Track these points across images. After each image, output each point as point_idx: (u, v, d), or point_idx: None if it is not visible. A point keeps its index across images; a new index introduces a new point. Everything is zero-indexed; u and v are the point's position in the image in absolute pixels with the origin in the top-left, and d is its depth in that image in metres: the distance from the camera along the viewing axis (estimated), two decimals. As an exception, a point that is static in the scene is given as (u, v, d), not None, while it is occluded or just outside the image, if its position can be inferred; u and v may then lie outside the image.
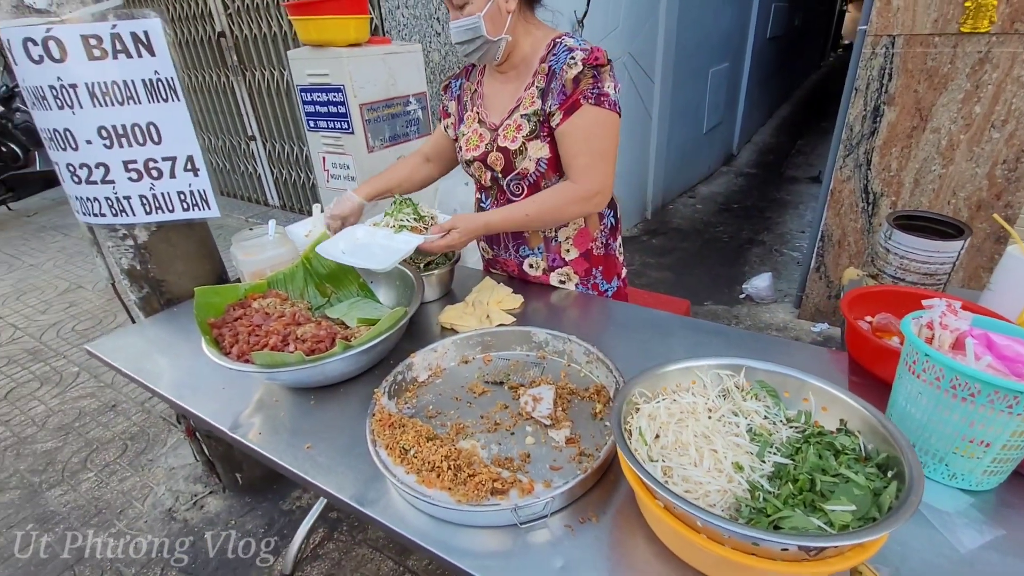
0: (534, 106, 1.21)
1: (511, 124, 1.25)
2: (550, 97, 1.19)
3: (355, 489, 0.86)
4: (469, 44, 1.20)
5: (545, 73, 1.20)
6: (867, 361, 1.07)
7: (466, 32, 1.18)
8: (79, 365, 2.89)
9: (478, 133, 1.32)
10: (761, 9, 5.87)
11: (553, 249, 1.38)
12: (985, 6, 2.04)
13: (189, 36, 4.49)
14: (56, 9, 1.26)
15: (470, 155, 1.32)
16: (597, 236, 1.39)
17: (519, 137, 1.23)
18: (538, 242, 1.38)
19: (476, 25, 1.16)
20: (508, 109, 1.27)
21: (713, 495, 0.66)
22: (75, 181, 1.39)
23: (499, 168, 1.28)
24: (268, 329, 1.07)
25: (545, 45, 1.23)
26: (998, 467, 0.80)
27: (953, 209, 2.35)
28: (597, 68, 1.15)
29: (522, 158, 1.24)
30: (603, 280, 1.44)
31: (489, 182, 1.34)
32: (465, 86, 1.40)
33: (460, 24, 1.17)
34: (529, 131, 1.22)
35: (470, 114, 1.35)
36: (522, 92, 1.25)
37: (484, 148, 1.29)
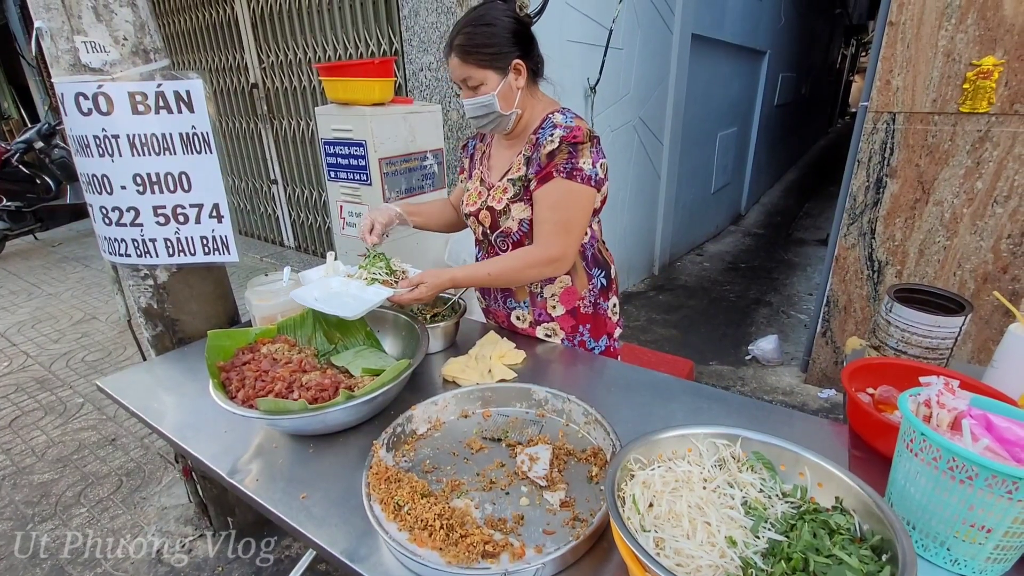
0: (520, 172, 1.33)
1: (500, 186, 1.37)
2: (532, 165, 1.30)
3: (347, 544, 0.86)
4: (483, 119, 1.31)
5: (533, 144, 1.31)
6: (868, 435, 1.06)
7: (480, 108, 1.29)
8: (84, 396, 2.92)
9: (477, 191, 1.44)
10: (769, 78, 6.13)
11: (539, 304, 1.44)
12: (983, 88, 2.13)
13: (225, 86, 4.77)
14: (109, 69, 1.37)
15: (467, 209, 1.45)
16: (585, 295, 1.43)
17: (504, 199, 1.35)
18: (524, 296, 1.45)
19: (490, 103, 1.27)
20: (502, 172, 1.39)
21: (705, 570, 0.66)
22: (106, 223, 1.46)
23: (487, 224, 1.40)
24: (274, 375, 1.09)
25: (540, 117, 1.34)
26: (1002, 554, 0.78)
27: (959, 281, 2.36)
28: (574, 145, 1.25)
29: (506, 218, 1.35)
30: (591, 338, 1.47)
31: (481, 236, 1.46)
32: (478, 147, 1.53)
33: (475, 102, 1.28)
34: (513, 194, 1.33)
35: (476, 172, 1.48)
36: (514, 158, 1.36)
37: (478, 205, 1.41)
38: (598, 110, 3.28)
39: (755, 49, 5.59)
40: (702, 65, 4.40)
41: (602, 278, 1.46)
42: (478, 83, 1.25)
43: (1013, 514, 0.73)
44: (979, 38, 2.08)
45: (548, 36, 2.71)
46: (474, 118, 1.32)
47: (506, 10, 1.27)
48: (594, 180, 1.27)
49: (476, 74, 1.25)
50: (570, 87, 3.06)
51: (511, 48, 1.25)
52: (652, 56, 3.80)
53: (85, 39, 1.37)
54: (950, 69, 2.16)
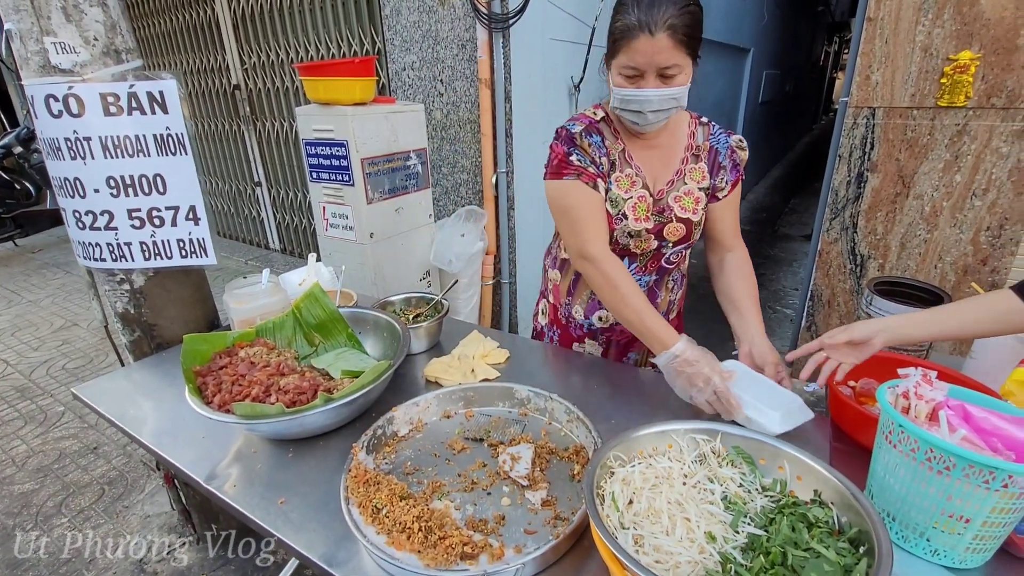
0: (706, 181, 1.25)
1: (685, 196, 1.23)
2: (721, 173, 1.25)
3: (326, 548, 0.84)
4: (663, 113, 1.12)
5: (708, 151, 1.25)
6: (849, 427, 1.07)
7: (670, 101, 1.09)
8: (65, 404, 2.86)
9: (645, 201, 1.22)
10: (753, 76, 6.17)
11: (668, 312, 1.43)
12: (961, 82, 2.16)
13: (206, 87, 4.71)
14: (80, 70, 1.34)
15: (641, 226, 1.21)
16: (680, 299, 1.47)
17: (699, 210, 1.25)
18: (664, 307, 1.40)
19: (681, 96, 1.10)
20: (667, 180, 1.23)
21: (684, 567, 0.65)
22: (79, 227, 1.43)
23: (675, 238, 1.25)
24: (252, 379, 1.07)
25: (687, 122, 1.26)
26: (981, 544, 0.78)
27: (940, 273, 2.39)
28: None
29: (698, 229, 1.28)
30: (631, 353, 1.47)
31: (649, 251, 1.28)
32: (608, 144, 1.22)
33: (666, 93, 1.07)
34: (705, 203, 1.27)
35: (621, 175, 1.21)
36: (679, 164, 1.24)
37: (655, 219, 1.22)
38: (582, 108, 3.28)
39: (739, 47, 5.62)
40: (686, 63, 4.41)
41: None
42: (679, 72, 1.06)
43: (991, 504, 0.73)
44: (956, 33, 2.10)
45: (531, 34, 2.71)
46: (654, 112, 1.10)
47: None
48: None
49: (682, 61, 1.05)
50: (553, 85, 3.06)
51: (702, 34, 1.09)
52: (636, 54, 3.81)
53: (55, 40, 1.34)
54: (928, 64, 2.18)
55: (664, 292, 1.37)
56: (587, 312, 1.38)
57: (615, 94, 1.13)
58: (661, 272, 1.33)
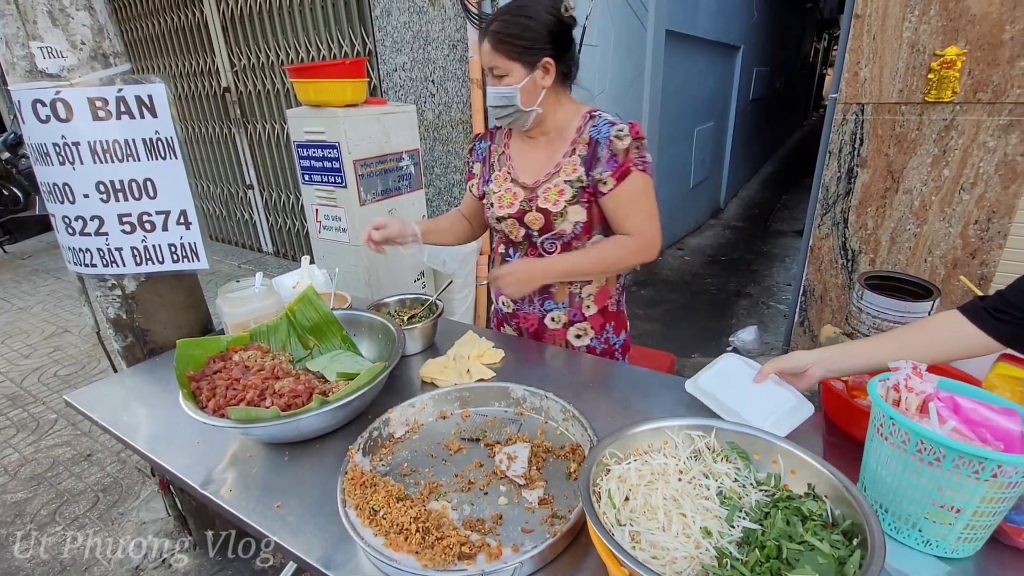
0: (576, 173, 1.29)
1: (552, 188, 1.31)
2: (598, 165, 1.27)
3: (323, 551, 0.84)
4: (502, 110, 1.28)
5: (587, 143, 1.28)
6: (842, 421, 1.08)
7: (501, 99, 1.26)
8: (57, 412, 2.84)
9: (511, 192, 1.36)
10: (743, 73, 6.21)
11: (576, 304, 1.42)
12: (947, 78, 2.18)
13: (196, 90, 4.68)
14: (67, 74, 1.33)
15: (503, 212, 1.37)
16: (613, 294, 1.45)
17: (561, 201, 1.30)
18: (564, 297, 1.42)
19: (512, 95, 1.24)
20: (546, 172, 1.33)
21: (680, 562, 0.66)
22: (69, 232, 1.42)
23: (537, 227, 1.34)
24: (246, 383, 1.07)
25: (580, 117, 1.32)
26: (972, 534, 0.80)
27: (930, 267, 2.41)
28: (639, 140, 1.27)
29: (561, 220, 1.31)
30: (613, 334, 1.48)
31: (521, 239, 1.38)
32: (492, 148, 1.46)
33: (497, 91, 1.25)
34: (571, 196, 1.29)
35: (499, 173, 1.41)
36: (561, 159, 1.32)
37: (520, 206, 1.34)
38: (575, 107, 3.28)
39: (729, 44, 5.65)
40: (677, 61, 4.43)
41: (625, 276, 1.48)
42: (504, 73, 1.23)
43: (981, 493, 0.74)
44: (942, 28, 2.13)
45: (522, 34, 2.71)
46: (492, 107, 1.30)
47: (549, 6, 1.23)
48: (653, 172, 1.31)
49: (503, 64, 1.22)
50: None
51: (544, 45, 1.22)
52: (627, 53, 3.82)
53: (41, 44, 1.33)
54: (915, 60, 2.20)
55: (557, 284, 1.41)
56: (495, 295, 1.50)
57: None
58: None
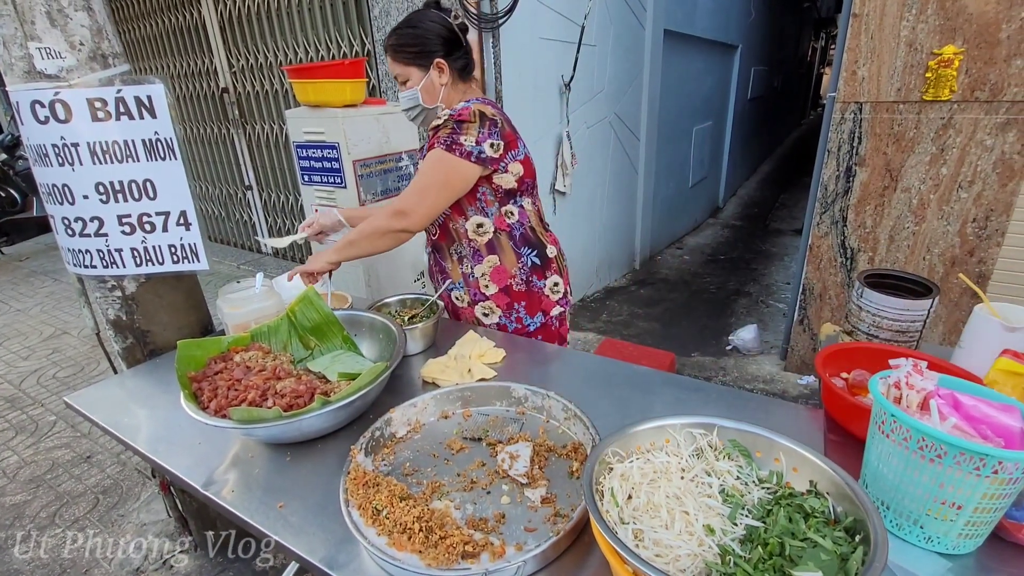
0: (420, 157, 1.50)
1: None
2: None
3: (326, 551, 0.84)
4: (411, 111, 1.45)
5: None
6: (843, 419, 1.08)
7: (408, 101, 1.43)
8: (56, 414, 2.83)
9: None
10: (741, 72, 6.22)
11: (472, 284, 1.52)
12: (945, 77, 2.19)
13: (194, 91, 4.67)
14: (66, 75, 1.33)
15: None
16: (516, 273, 1.50)
17: None
18: (458, 277, 1.54)
19: (414, 96, 1.41)
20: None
21: (684, 559, 0.66)
22: (69, 234, 1.42)
23: None
24: (247, 383, 1.07)
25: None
26: (973, 530, 0.80)
27: (929, 265, 2.42)
28: (459, 123, 1.34)
29: None
30: (527, 315, 1.53)
31: None
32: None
33: (403, 95, 1.43)
34: None
35: None
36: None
37: None
38: (573, 107, 3.29)
39: (727, 44, 5.66)
40: (675, 60, 4.44)
41: (534, 257, 1.51)
42: (405, 78, 1.41)
43: (982, 490, 0.74)
44: (939, 27, 2.13)
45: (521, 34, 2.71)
46: (405, 111, 1.46)
47: (434, 16, 1.39)
48: (475, 156, 1.34)
49: (402, 71, 1.40)
50: (544, 84, 3.07)
51: (435, 48, 1.38)
52: (625, 52, 3.83)
53: (39, 45, 1.32)
54: (913, 58, 2.21)
55: (451, 263, 1.54)
56: None
57: None
58: (435, 246, 1.56)
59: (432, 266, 1.63)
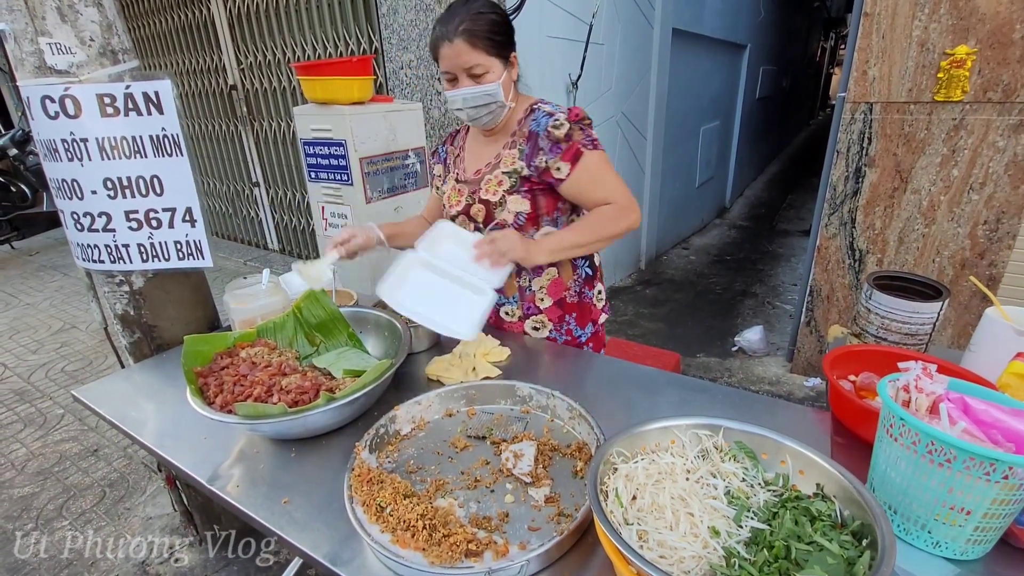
0: (514, 165, 1.32)
1: (492, 179, 1.35)
2: (540, 155, 1.28)
3: (330, 547, 0.84)
4: (483, 108, 1.28)
5: (525, 136, 1.31)
6: (850, 421, 1.07)
7: (483, 98, 1.26)
8: (64, 407, 2.86)
9: (456, 189, 1.43)
10: (750, 72, 6.17)
11: (527, 298, 1.44)
12: (957, 77, 2.16)
13: (203, 88, 4.70)
14: (76, 71, 1.33)
15: (453, 211, 1.43)
16: (571, 285, 1.44)
17: (499, 191, 1.34)
18: (513, 292, 1.45)
19: (495, 92, 1.25)
20: (486, 164, 1.37)
21: (688, 561, 0.66)
22: (78, 228, 1.43)
23: (480, 219, 1.38)
24: (253, 379, 1.07)
25: (523, 111, 1.35)
26: (982, 536, 0.79)
27: (938, 267, 2.39)
28: (581, 121, 1.29)
29: (501, 210, 1.34)
30: (576, 326, 1.48)
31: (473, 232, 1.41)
32: (449, 150, 1.52)
33: (477, 91, 1.24)
34: (509, 186, 1.32)
35: (451, 175, 1.48)
36: (501, 151, 1.36)
37: (465, 202, 1.39)
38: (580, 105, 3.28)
39: (735, 43, 5.62)
40: (683, 59, 4.41)
41: (587, 267, 1.47)
42: (484, 71, 1.23)
43: (991, 495, 0.73)
44: (952, 27, 2.11)
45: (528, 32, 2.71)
46: (472, 108, 1.27)
47: (497, 4, 1.28)
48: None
49: (484, 61, 1.22)
50: (551, 83, 3.06)
51: (511, 40, 1.28)
52: (633, 51, 3.81)
53: (50, 40, 1.33)
54: (924, 59, 2.19)
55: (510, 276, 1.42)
56: None
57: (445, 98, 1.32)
58: None
59: None
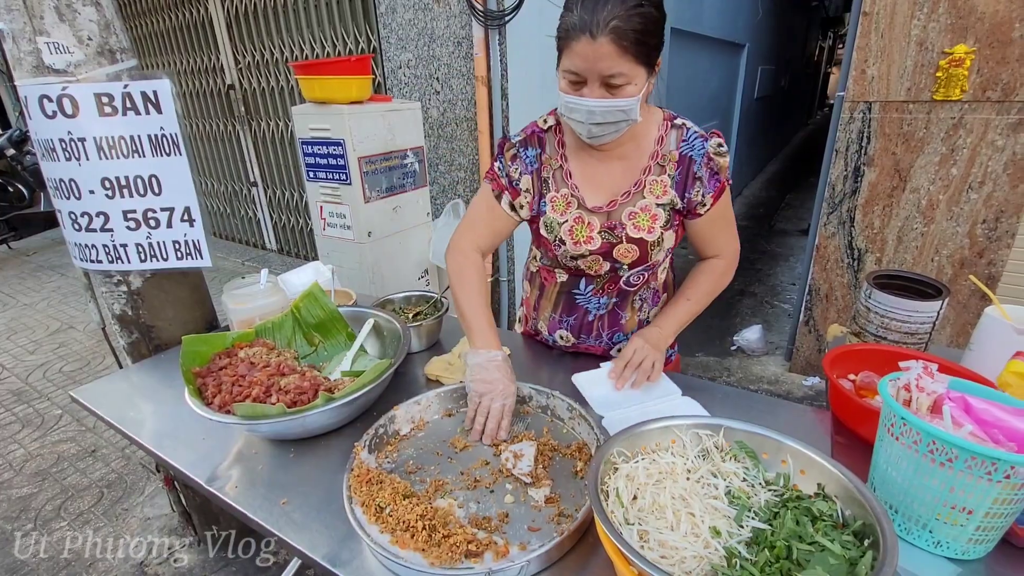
0: (668, 196, 1.11)
1: (640, 212, 1.12)
2: (696, 186, 1.10)
3: (329, 548, 0.84)
4: (611, 125, 1.02)
5: (676, 161, 1.10)
6: (850, 421, 1.07)
7: (616, 114, 0.99)
8: (62, 408, 2.85)
9: (583, 222, 1.14)
10: (748, 71, 6.18)
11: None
12: (956, 76, 2.16)
13: (201, 87, 4.68)
14: (74, 70, 1.33)
15: (583, 248, 1.15)
16: None
17: (656, 227, 1.12)
18: (633, 326, 1.31)
19: (632, 107, 0.98)
20: (623, 193, 1.12)
21: (689, 561, 0.65)
22: (76, 228, 1.42)
23: (629, 260, 1.15)
24: (252, 379, 1.07)
25: (657, 126, 1.12)
26: (983, 535, 0.79)
27: (937, 266, 2.39)
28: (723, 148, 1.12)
29: (659, 250, 1.14)
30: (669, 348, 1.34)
31: (604, 273, 1.20)
32: (545, 159, 1.16)
33: (612, 105, 0.97)
34: (665, 221, 1.12)
35: (557, 196, 1.15)
36: (640, 176, 1.12)
37: (603, 239, 1.14)
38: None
39: (734, 42, 5.62)
40: (682, 59, 4.41)
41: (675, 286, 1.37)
42: (627, 82, 0.95)
43: (993, 495, 0.73)
44: (951, 27, 2.11)
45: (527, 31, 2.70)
46: (596, 124, 1.01)
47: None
48: None
49: (630, 71, 0.94)
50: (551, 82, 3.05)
51: (663, 40, 0.99)
52: (632, 50, 3.80)
53: (48, 40, 1.32)
54: (923, 58, 2.19)
55: (630, 312, 1.28)
56: (550, 328, 1.36)
57: (560, 99, 1.02)
58: (623, 294, 1.25)
59: (594, 320, 1.29)
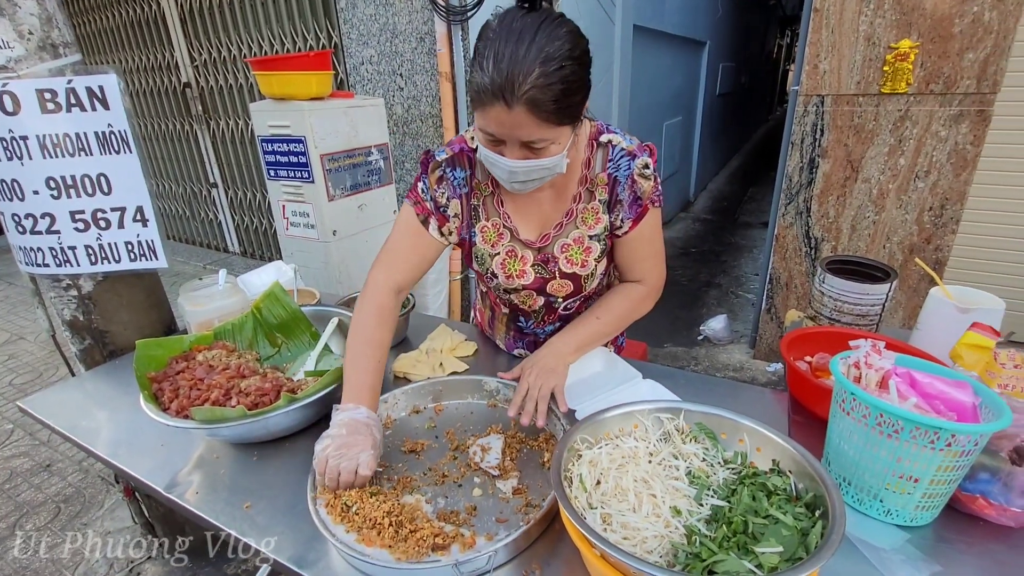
0: (601, 224, 1.05)
1: (572, 244, 1.06)
2: (619, 210, 1.03)
3: (294, 550, 0.83)
4: (536, 181, 0.95)
5: (605, 184, 1.02)
6: (807, 400, 1.11)
7: (540, 171, 0.91)
8: (13, 422, 2.71)
9: (516, 255, 1.08)
10: (710, 68, 6.31)
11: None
12: (902, 70, 2.26)
13: (155, 86, 4.52)
14: (14, 66, 1.26)
15: (516, 283, 1.10)
16: None
17: (590, 260, 1.07)
18: None
19: (556, 165, 0.91)
20: (555, 224, 1.06)
21: (650, 541, 0.67)
22: (19, 231, 1.35)
23: (563, 294, 1.12)
24: (210, 383, 1.04)
25: (585, 146, 1.03)
26: (929, 502, 0.83)
27: (889, 253, 2.50)
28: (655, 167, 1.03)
29: (591, 280, 1.10)
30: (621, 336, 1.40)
31: (539, 307, 1.17)
32: (475, 184, 1.07)
33: (535, 165, 0.89)
34: (600, 253, 1.07)
35: (488, 225, 1.08)
36: (571, 204, 1.05)
37: (535, 274, 1.09)
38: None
39: (695, 40, 5.74)
40: (645, 56, 4.48)
41: None
42: (549, 143, 0.87)
43: (936, 462, 0.77)
44: (896, 22, 2.20)
45: (490, 27, 2.70)
46: (520, 183, 0.94)
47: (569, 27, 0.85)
48: None
49: (552, 134, 0.86)
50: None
51: (588, 91, 0.89)
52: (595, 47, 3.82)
53: (-17, 34, 1.26)
54: (871, 52, 2.28)
55: None
56: (507, 347, 1.35)
57: (479, 148, 0.93)
58: (565, 319, 1.20)
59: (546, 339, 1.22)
